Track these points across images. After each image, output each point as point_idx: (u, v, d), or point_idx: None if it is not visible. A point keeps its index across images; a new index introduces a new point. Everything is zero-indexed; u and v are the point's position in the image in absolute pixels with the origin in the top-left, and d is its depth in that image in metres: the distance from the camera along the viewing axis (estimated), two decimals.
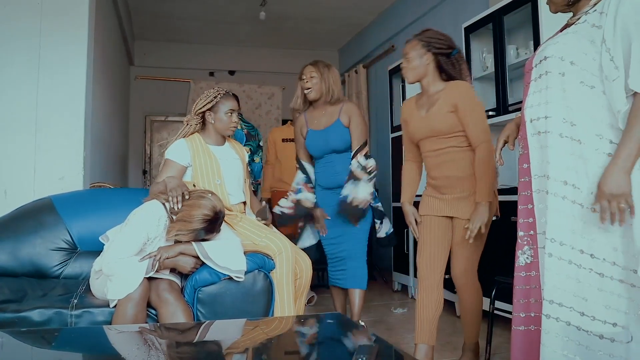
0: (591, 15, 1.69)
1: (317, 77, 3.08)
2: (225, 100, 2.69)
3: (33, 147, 3.20)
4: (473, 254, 2.59)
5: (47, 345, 1.63)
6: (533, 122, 1.79)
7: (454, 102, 2.47)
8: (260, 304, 2.32)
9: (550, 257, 1.69)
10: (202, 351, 1.59)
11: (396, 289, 4.84)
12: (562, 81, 1.71)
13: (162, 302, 2.15)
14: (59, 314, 2.09)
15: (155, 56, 7.28)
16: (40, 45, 3.24)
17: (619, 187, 1.54)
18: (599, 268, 1.63)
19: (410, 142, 2.73)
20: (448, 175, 2.53)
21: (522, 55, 3.41)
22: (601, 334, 1.61)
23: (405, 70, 2.60)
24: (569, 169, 1.68)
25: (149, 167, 7.49)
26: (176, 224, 2.26)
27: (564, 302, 1.67)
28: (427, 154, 2.60)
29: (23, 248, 2.59)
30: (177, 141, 2.67)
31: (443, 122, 2.49)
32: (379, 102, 6.42)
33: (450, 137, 2.51)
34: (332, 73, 3.13)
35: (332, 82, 3.10)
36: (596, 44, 1.65)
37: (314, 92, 3.09)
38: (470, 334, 2.71)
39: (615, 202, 1.55)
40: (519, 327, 1.86)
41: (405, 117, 2.73)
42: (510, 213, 3.13)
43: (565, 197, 1.69)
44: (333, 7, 6.08)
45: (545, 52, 1.78)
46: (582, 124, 1.67)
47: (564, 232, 1.68)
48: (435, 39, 2.54)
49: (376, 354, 1.38)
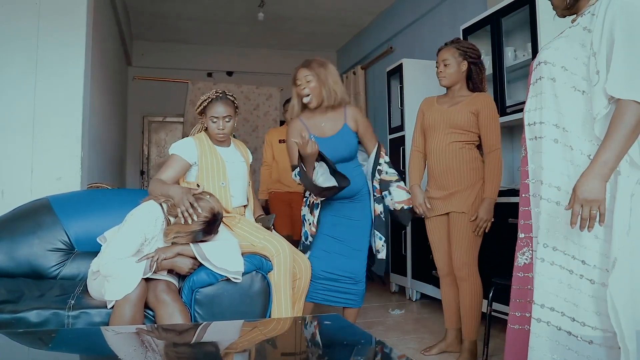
0: (584, 17, 1.68)
1: (314, 80, 2.74)
2: (212, 106, 2.60)
3: (30, 148, 3.19)
4: (472, 246, 2.74)
5: (44, 346, 1.62)
6: (530, 127, 1.80)
7: (477, 107, 2.73)
8: (258, 305, 2.32)
9: (543, 262, 1.70)
10: (199, 352, 1.59)
11: (394, 290, 4.84)
12: (554, 87, 1.71)
13: (159, 303, 2.15)
14: (56, 315, 2.08)
15: (153, 57, 7.28)
16: (38, 46, 3.24)
17: (592, 193, 1.52)
18: (590, 274, 1.62)
19: (421, 133, 2.94)
20: (450, 166, 2.74)
21: (520, 57, 3.42)
22: (591, 340, 1.61)
23: (442, 75, 2.81)
24: (562, 174, 1.69)
25: (146, 168, 7.48)
26: (175, 225, 2.26)
27: (555, 307, 1.68)
28: (435, 145, 2.80)
29: (20, 248, 2.58)
30: (185, 139, 2.66)
31: (463, 118, 2.73)
32: (377, 104, 6.42)
33: (462, 133, 2.75)
34: (329, 72, 2.78)
35: (332, 82, 2.76)
36: (586, 47, 1.64)
37: (315, 99, 2.75)
38: (469, 331, 2.74)
39: (588, 207, 1.52)
40: (513, 326, 1.88)
41: (424, 108, 2.93)
42: (507, 215, 3.13)
43: (558, 202, 1.69)
44: (331, 8, 6.08)
45: (540, 56, 1.78)
46: (574, 129, 1.67)
47: (556, 237, 1.69)
48: (471, 49, 2.80)
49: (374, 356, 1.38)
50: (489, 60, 3.64)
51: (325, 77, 2.75)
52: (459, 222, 2.73)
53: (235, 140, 2.84)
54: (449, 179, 2.76)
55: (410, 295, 4.48)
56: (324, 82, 2.74)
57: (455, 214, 2.74)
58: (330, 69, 2.80)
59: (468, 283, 2.74)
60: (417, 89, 4.70)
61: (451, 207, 2.75)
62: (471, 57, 2.78)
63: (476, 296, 2.75)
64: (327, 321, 1.86)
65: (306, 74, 2.75)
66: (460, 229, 2.73)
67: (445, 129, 2.77)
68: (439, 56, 2.82)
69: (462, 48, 2.78)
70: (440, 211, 2.80)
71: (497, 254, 3.23)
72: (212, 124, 2.61)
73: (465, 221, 2.72)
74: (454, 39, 2.86)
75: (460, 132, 2.74)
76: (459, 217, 2.73)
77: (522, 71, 3.50)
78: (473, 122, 2.73)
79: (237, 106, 2.70)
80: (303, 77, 2.75)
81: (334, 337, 1.71)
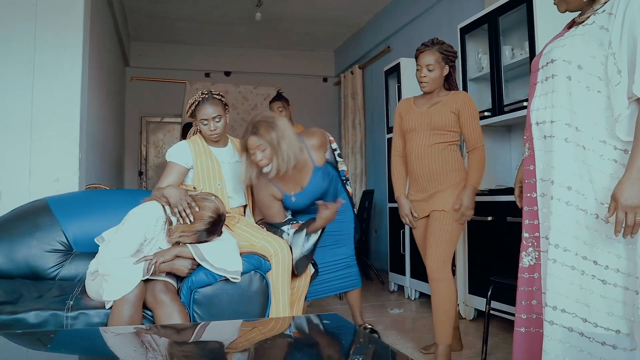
0: (600, 16, 1.65)
1: (268, 147, 2.48)
2: (200, 109, 2.59)
3: (28, 149, 3.19)
4: (450, 246, 2.66)
5: (43, 347, 1.62)
6: (539, 126, 1.77)
7: (457, 107, 2.69)
8: (257, 305, 2.32)
9: (554, 263, 1.68)
10: (198, 352, 1.59)
11: (392, 289, 4.84)
12: (569, 85, 1.69)
13: (158, 303, 2.15)
14: (55, 316, 2.08)
15: (151, 57, 7.27)
16: (35, 47, 3.23)
17: (635, 199, 1.50)
18: (602, 275, 1.61)
19: (401, 136, 2.87)
20: (432, 168, 2.69)
21: (518, 55, 3.42)
22: (603, 341, 1.60)
23: (426, 80, 2.72)
24: (573, 174, 1.67)
25: (144, 169, 7.47)
26: (180, 225, 2.27)
27: (567, 309, 1.66)
28: (416, 148, 2.73)
29: (18, 250, 2.58)
30: (179, 143, 2.66)
31: (443, 118, 2.68)
32: (374, 103, 6.42)
33: (443, 134, 2.70)
34: (280, 132, 2.48)
35: (286, 146, 2.49)
36: (604, 47, 1.62)
37: (274, 169, 2.51)
38: (442, 335, 2.63)
39: (632, 214, 1.50)
40: (520, 329, 1.85)
41: (401, 112, 2.86)
42: (506, 213, 3.14)
43: (569, 202, 1.67)
44: (329, 8, 6.08)
45: (552, 54, 1.75)
46: (587, 129, 1.65)
47: (567, 238, 1.67)
48: (451, 52, 2.74)
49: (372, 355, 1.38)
50: (487, 59, 3.65)
51: (277, 142, 2.48)
52: (438, 220, 2.65)
53: (233, 139, 2.83)
54: (432, 181, 2.70)
55: (409, 295, 4.48)
56: (276, 150, 2.48)
57: (435, 212, 2.68)
58: (280, 127, 2.51)
59: (443, 284, 2.63)
60: (414, 88, 4.69)
61: (432, 206, 2.69)
62: (451, 61, 2.74)
63: (451, 298, 2.64)
64: (326, 320, 1.86)
65: (258, 143, 2.48)
66: (439, 226, 2.64)
67: (426, 131, 2.71)
68: (422, 60, 2.70)
69: (445, 52, 2.71)
70: (424, 213, 2.75)
71: (495, 252, 3.24)
72: (203, 127, 2.61)
73: (445, 219, 2.63)
74: (434, 40, 2.74)
75: (441, 133, 2.69)
76: (438, 215, 2.66)
77: (520, 70, 3.50)
78: (454, 122, 2.68)
79: (225, 104, 2.68)
80: (255, 147, 2.49)
81: (333, 336, 1.71)
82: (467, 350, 2.97)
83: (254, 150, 2.49)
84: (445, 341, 2.63)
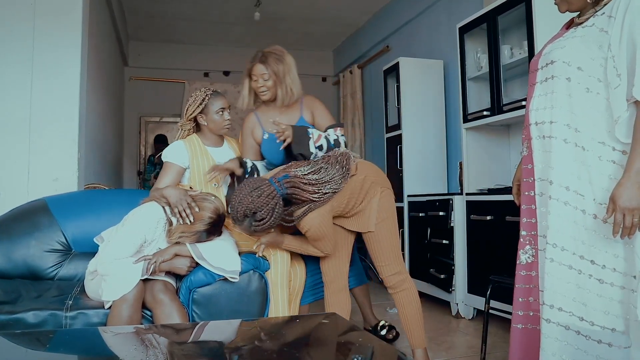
0: (599, 18, 1.66)
1: (271, 78, 2.60)
2: (214, 100, 2.61)
3: (27, 148, 3.19)
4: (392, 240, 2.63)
5: (42, 347, 1.62)
6: (538, 126, 1.78)
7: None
8: (255, 304, 2.32)
9: (552, 262, 1.69)
10: (197, 352, 1.59)
11: None
12: (568, 86, 1.69)
13: (157, 303, 2.15)
14: (54, 316, 2.08)
15: (150, 57, 7.27)
16: (34, 47, 3.23)
17: (633, 201, 1.51)
18: (599, 274, 1.63)
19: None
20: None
21: (517, 55, 3.42)
22: (599, 339, 1.62)
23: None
24: (572, 175, 1.68)
25: (143, 168, 7.47)
26: (180, 226, 2.27)
27: (563, 307, 1.67)
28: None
29: (17, 249, 2.58)
30: (175, 143, 2.65)
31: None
32: (373, 103, 6.43)
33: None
34: (287, 67, 2.62)
35: (290, 80, 2.61)
36: (603, 49, 1.62)
37: (268, 95, 2.64)
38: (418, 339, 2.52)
39: (630, 216, 1.52)
40: (517, 325, 1.87)
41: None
42: (505, 213, 3.14)
43: (567, 202, 1.68)
44: (328, 7, 6.08)
45: (551, 55, 1.76)
46: (586, 130, 1.66)
47: (565, 237, 1.68)
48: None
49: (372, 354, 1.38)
50: (486, 59, 3.65)
51: (282, 75, 2.59)
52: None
53: (228, 139, 2.83)
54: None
55: None
56: (280, 81, 2.60)
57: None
58: (287, 62, 2.63)
59: (404, 288, 2.65)
60: (413, 87, 4.72)
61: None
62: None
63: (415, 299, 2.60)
64: (325, 320, 1.86)
65: (263, 71, 2.59)
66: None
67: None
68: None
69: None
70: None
71: (495, 251, 3.24)
72: (218, 118, 2.60)
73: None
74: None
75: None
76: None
77: (518, 69, 3.51)
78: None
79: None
80: (259, 75, 2.60)
81: (332, 335, 1.71)
82: (466, 349, 2.97)
83: (258, 77, 2.60)
84: (421, 345, 2.51)
